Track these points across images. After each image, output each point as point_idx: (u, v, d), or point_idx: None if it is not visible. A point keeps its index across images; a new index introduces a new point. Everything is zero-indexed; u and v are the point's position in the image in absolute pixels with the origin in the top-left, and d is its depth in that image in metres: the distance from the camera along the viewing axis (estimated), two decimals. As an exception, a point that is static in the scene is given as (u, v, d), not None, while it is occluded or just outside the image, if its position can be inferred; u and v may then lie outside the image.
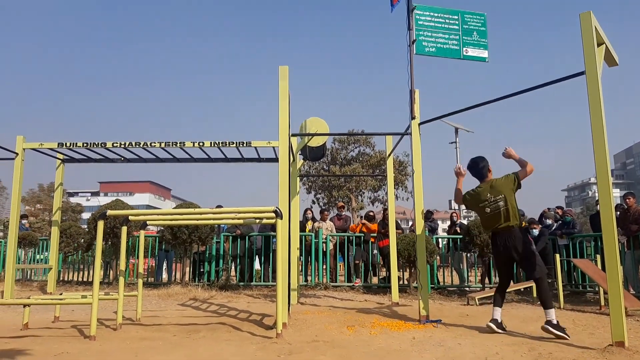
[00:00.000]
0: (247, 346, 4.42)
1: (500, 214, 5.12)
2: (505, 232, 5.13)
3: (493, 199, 5.16)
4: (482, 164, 5.35)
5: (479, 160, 5.39)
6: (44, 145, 8.30)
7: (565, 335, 4.75)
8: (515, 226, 5.11)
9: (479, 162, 5.37)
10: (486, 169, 5.33)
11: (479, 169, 5.35)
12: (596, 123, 4.41)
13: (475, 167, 5.39)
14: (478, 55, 6.39)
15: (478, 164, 5.37)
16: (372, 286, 9.87)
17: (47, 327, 5.41)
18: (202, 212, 5.91)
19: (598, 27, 4.69)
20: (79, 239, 11.02)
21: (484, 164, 5.35)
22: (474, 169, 5.40)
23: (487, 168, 5.33)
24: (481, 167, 5.34)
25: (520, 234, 5.13)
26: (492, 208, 5.18)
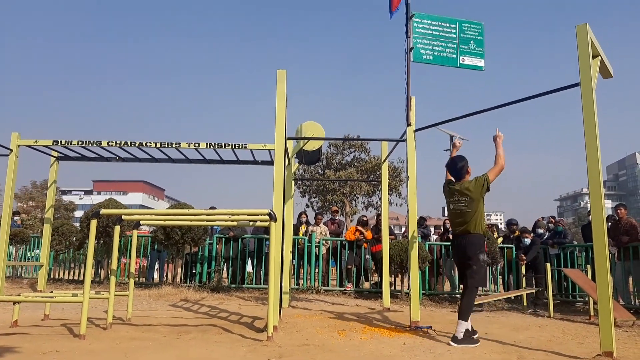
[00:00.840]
0: (238, 348, 4.42)
1: (461, 215, 5.12)
2: (461, 236, 5.14)
3: (459, 197, 5.15)
4: (460, 164, 5.28)
5: (458, 160, 5.34)
6: (39, 142, 8.27)
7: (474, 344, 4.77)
8: (473, 232, 5.05)
9: (458, 162, 5.31)
10: (464, 169, 5.25)
11: (457, 169, 5.28)
12: (590, 135, 4.45)
13: (454, 167, 5.32)
14: (474, 64, 6.44)
15: (457, 164, 5.30)
16: (363, 291, 9.88)
17: (37, 325, 5.38)
18: (196, 213, 5.91)
19: (594, 39, 4.74)
20: (71, 237, 10.97)
21: (463, 164, 5.27)
22: (453, 169, 5.33)
23: (465, 169, 5.26)
24: (459, 167, 5.27)
25: (476, 240, 5.05)
26: (454, 206, 5.20)
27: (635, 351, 4.83)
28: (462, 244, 5.11)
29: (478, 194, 5.07)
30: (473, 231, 5.05)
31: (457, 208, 5.16)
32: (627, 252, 8.46)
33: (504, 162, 5.20)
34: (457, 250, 5.25)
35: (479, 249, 5.04)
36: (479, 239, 5.07)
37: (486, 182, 5.10)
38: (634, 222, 8.77)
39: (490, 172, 5.16)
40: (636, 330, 6.28)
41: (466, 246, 5.06)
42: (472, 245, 5.04)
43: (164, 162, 9.57)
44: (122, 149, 8.62)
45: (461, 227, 5.13)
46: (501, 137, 5.32)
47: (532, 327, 6.40)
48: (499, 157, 5.20)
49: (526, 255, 9.25)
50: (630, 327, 6.51)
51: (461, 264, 5.26)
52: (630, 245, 8.40)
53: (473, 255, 5.02)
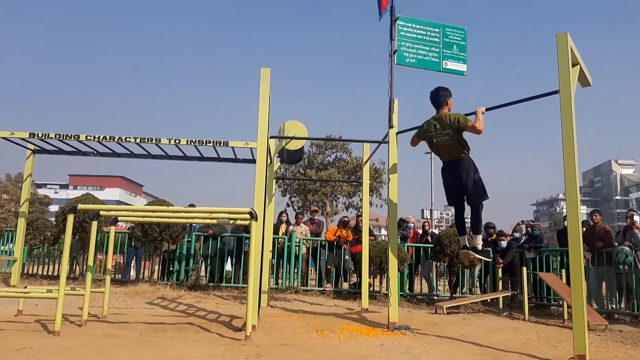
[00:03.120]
0: (215, 347, 4.39)
1: (446, 146, 5.29)
2: (452, 163, 5.33)
3: (440, 132, 5.28)
4: (441, 93, 5.42)
5: (441, 89, 5.47)
6: (15, 134, 8.12)
7: (487, 258, 5.66)
8: (462, 157, 5.26)
9: (440, 90, 5.44)
10: (445, 97, 5.39)
11: (437, 97, 5.42)
12: (567, 141, 4.53)
13: (435, 95, 5.46)
14: (457, 69, 6.50)
15: (439, 91, 5.44)
16: (342, 291, 9.90)
17: (10, 321, 5.27)
18: (176, 211, 5.85)
19: (574, 48, 4.83)
20: (45, 232, 10.77)
21: (444, 93, 5.41)
22: (434, 97, 5.47)
23: (445, 98, 5.39)
24: (440, 96, 5.41)
25: (466, 163, 5.26)
26: (437, 140, 5.34)
27: (607, 354, 4.94)
28: (454, 171, 5.29)
29: (455, 129, 5.19)
30: (461, 156, 5.26)
31: (441, 141, 5.32)
32: (601, 257, 8.64)
33: (482, 127, 5.17)
34: (450, 176, 5.38)
35: (472, 170, 5.25)
36: (468, 162, 5.28)
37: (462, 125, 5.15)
38: (608, 228, 8.95)
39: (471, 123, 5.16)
40: (608, 334, 6.42)
41: (459, 171, 5.25)
42: (464, 169, 5.24)
43: (143, 158, 9.47)
44: (101, 143, 8.51)
45: (449, 156, 5.34)
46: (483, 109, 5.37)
47: (508, 329, 6.49)
48: (479, 122, 5.19)
49: (503, 259, 9.38)
50: (602, 331, 6.65)
51: (456, 189, 5.41)
52: (604, 251, 8.57)
53: (468, 178, 5.22)
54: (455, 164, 5.30)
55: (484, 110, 5.41)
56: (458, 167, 5.27)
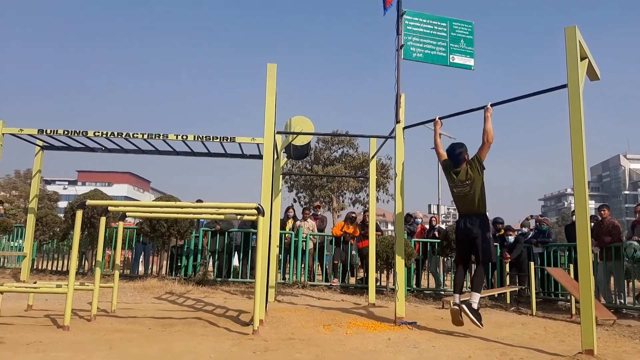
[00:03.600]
0: (223, 342, 4.42)
1: (465, 198, 5.32)
2: (468, 216, 5.34)
3: (460, 184, 5.34)
4: (459, 150, 5.44)
5: (457, 146, 5.50)
6: (24, 131, 8.17)
7: (479, 324, 5.07)
8: (479, 212, 5.29)
9: (456, 148, 5.47)
10: (462, 155, 5.41)
11: (455, 155, 5.45)
12: (576, 136, 4.50)
13: (452, 153, 5.49)
14: (464, 63, 6.47)
15: (455, 149, 5.47)
16: (349, 286, 9.92)
17: (20, 316, 5.33)
18: (183, 206, 5.89)
19: (582, 42, 4.79)
20: (54, 228, 10.85)
21: (461, 150, 5.44)
22: (451, 154, 5.50)
23: (463, 155, 5.42)
24: (457, 154, 5.43)
25: (482, 219, 5.29)
26: (458, 191, 5.38)
27: (615, 349, 4.92)
28: (469, 224, 5.29)
29: (477, 176, 5.24)
30: (478, 211, 5.28)
31: (461, 192, 5.36)
32: (609, 252, 8.59)
33: (492, 138, 5.30)
34: (463, 230, 5.38)
35: (486, 227, 5.27)
36: (484, 218, 5.31)
37: (479, 163, 5.27)
38: (616, 223, 8.90)
39: (480, 152, 5.30)
40: (616, 329, 6.40)
41: (473, 225, 5.25)
42: (479, 225, 5.24)
43: (150, 154, 9.50)
44: (109, 139, 8.55)
45: (466, 209, 5.35)
46: (491, 111, 5.40)
47: (515, 324, 6.48)
48: (487, 134, 5.29)
49: (510, 254, 9.35)
50: (610, 326, 6.62)
51: (467, 243, 5.41)
52: (612, 246, 8.53)
53: (482, 235, 5.22)
54: (471, 218, 5.31)
55: (491, 110, 5.40)
56: (473, 221, 5.28)
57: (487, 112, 5.39)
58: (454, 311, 5.25)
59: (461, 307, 5.13)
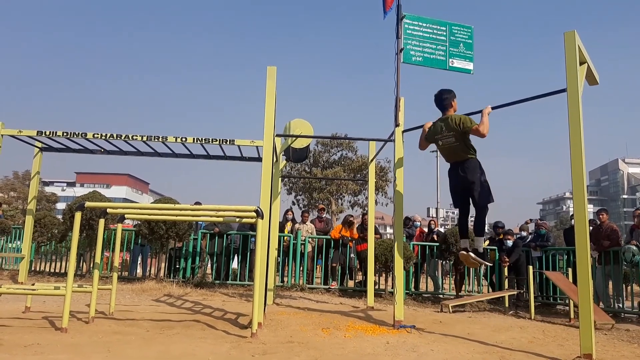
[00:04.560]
0: (221, 344, 4.41)
1: (452, 148, 5.33)
2: (459, 163, 5.35)
3: (446, 134, 5.32)
4: (445, 96, 5.45)
5: (444, 91, 5.50)
6: (23, 132, 8.17)
7: (487, 263, 5.53)
8: (469, 158, 5.29)
9: (444, 94, 5.47)
10: (449, 100, 5.41)
11: (442, 100, 5.46)
12: (575, 140, 4.51)
13: (439, 98, 5.49)
14: (463, 67, 6.48)
15: (442, 94, 5.48)
16: (348, 289, 9.91)
17: (18, 317, 5.31)
18: (182, 208, 5.88)
19: (581, 46, 4.81)
20: (53, 229, 10.83)
21: (448, 96, 5.44)
22: (438, 99, 5.50)
23: (449, 100, 5.41)
24: (444, 99, 5.44)
25: (473, 164, 5.28)
26: (443, 142, 5.38)
27: (614, 354, 4.92)
28: (461, 172, 5.30)
29: (461, 132, 5.23)
30: (467, 157, 5.28)
31: (446, 143, 5.36)
32: (608, 256, 8.60)
33: (486, 131, 5.22)
34: (456, 178, 5.39)
35: (478, 172, 5.27)
36: (475, 163, 5.30)
37: (467, 128, 5.21)
38: (615, 227, 8.91)
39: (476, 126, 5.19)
40: (615, 334, 6.40)
41: (466, 172, 5.26)
42: (470, 170, 5.26)
43: (149, 156, 9.50)
44: (108, 141, 8.55)
45: (455, 157, 5.36)
46: (489, 109, 5.39)
47: (514, 328, 6.48)
48: (482, 124, 5.23)
49: (509, 257, 9.35)
50: (609, 330, 6.63)
51: (462, 190, 5.42)
52: (611, 250, 8.53)
53: (474, 179, 5.23)
54: (462, 165, 5.32)
55: (490, 110, 5.41)
56: (464, 168, 5.28)
57: (486, 109, 5.38)
58: (464, 256, 5.40)
59: (469, 253, 5.32)
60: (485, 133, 5.20)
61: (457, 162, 5.37)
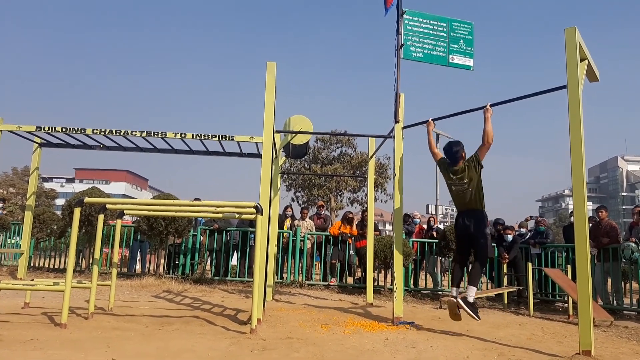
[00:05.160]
0: (221, 340, 4.41)
1: (464, 196, 5.35)
2: (466, 212, 5.38)
3: (458, 182, 5.37)
4: (455, 149, 5.47)
5: (453, 144, 5.53)
6: (22, 127, 8.13)
7: (476, 317, 5.11)
8: (476, 209, 5.33)
9: (453, 147, 5.50)
10: (459, 154, 5.45)
11: (452, 153, 5.49)
12: (575, 137, 4.50)
13: (449, 151, 5.52)
14: (464, 64, 6.47)
15: (452, 148, 5.50)
16: (347, 286, 9.91)
17: (17, 313, 5.32)
18: (182, 204, 5.87)
19: (582, 43, 4.80)
20: (52, 225, 10.82)
21: (458, 149, 5.47)
22: (449, 153, 5.53)
23: (460, 154, 5.45)
24: (454, 152, 5.47)
25: (480, 216, 5.34)
26: (457, 189, 5.41)
27: (613, 350, 4.93)
28: (467, 221, 5.33)
29: (474, 175, 5.27)
30: (477, 207, 5.32)
31: (458, 190, 5.39)
32: (607, 253, 8.60)
33: (492, 139, 5.32)
34: (462, 227, 5.41)
35: (484, 224, 5.34)
36: (483, 215, 5.36)
37: (477, 162, 5.29)
38: (614, 224, 8.92)
39: (479, 152, 5.33)
40: (614, 330, 6.41)
41: (471, 223, 5.29)
42: (477, 221, 5.29)
43: (149, 152, 9.47)
44: (107, 137, 8.51)
45: (465, 206, 5.38)
46: (490, 112, 5.41)
47: (512, 324, 6.49)
48: (487, 135, 5.31)
49: (508, 253, 9.36)
50: (608, 327, 6.64)
51: (465, 239, 5.45)
52: (610, 247, 8.54)
53: (479, 231, 5.27)
54: (469, 214, 5.35)
55: (491, 112, 5.41)
56: (471, 218, 5.32)
57: (487, 112, 5.40)
58: (451, 304, 5.29)
59: (458, 301, 5.16)
60: (490, 141, 5.30)
61: (466, 210, 5.39)
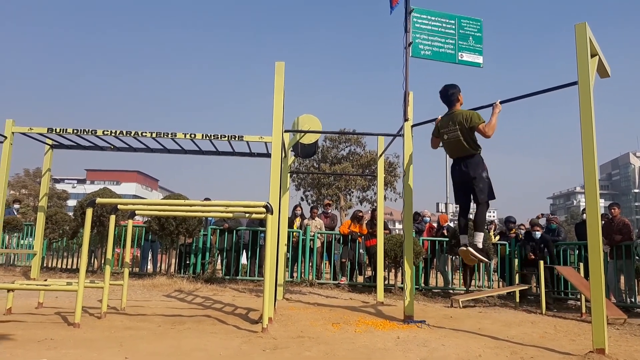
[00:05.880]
0: (232, 339, 4.43)
1: (456, 142, 5.31)
2: (462, 159, 5.35)
3: (452, 128, 5.33)
4: (451, 91, 5.46)
5: (449, 87, 5.50)
6: (34, 129, 8.22)
7: (486, 259, 5.31)
8: (472, 154, 5.28)
9: (449, 89, 5.48)
10: (455, 96, 5.42)
11: (448, 95, 5.47)
12: (586, 133, 4.46)
13: (445, 93, 5.50)
14: (473, 61, 6.44)
15: (448, 90, 5.48)
16: (357, 285, 9.91)
17: (31, 313, 5.37)
18: (192, 204, 5.89)
19: (592, 39, 4.75)
20: (64, 226, 10.92)
21: (454, 91, 5.45)
22: (444, 95, 5.50)
23: (456, 96, 5.42)
24: (450, 94, 5.45)
25: (476, 160, 5.28)
26: (449, 136, 5.38)
27: (627, 348, 4.88)
28: (464, 167, 5.31)
29: (466, 127, 5.23)
30: (471, 152, 5.28)
31: (452, 137, 5.35)
32: (620, 250, 8.53)
33: (492, 132, 5.23)
34: (458, 173, 5.40)
35: (481, 168, 5.28)
36: (478, 159, 5.30)
37: (474, 125, 5.21)
38: (626, 221, 8.84)
39: (477, 127, 5.21)
40: (627, 328, 6.35)
41: (468, 168, 5.27)
42: (473, 166, 5.26)
43: (159, 153, 9.54)
44: (118, 138, 8.59)
45: (459, 153, 5.36)
46: (499, 108, 5.36)
47: (525, 323, 6.45)
48: (491, 125, 5.23)
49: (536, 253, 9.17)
50: (621, 325, 6.58)
51: (464, 185, 5.43)
52: (623, 244, 8.46)
53: (476, 175, 5.24)
54: (464, 161, 5.32)
55: (500, 108, 5.36)
56: (467, 164, 5.29)
57: (496, 108, 5.36)
58: (463, 252, 5.33)
59: (468, 248, 5.24)
60: (490, 134, 5.20)
61: (460, 157, 5.37)
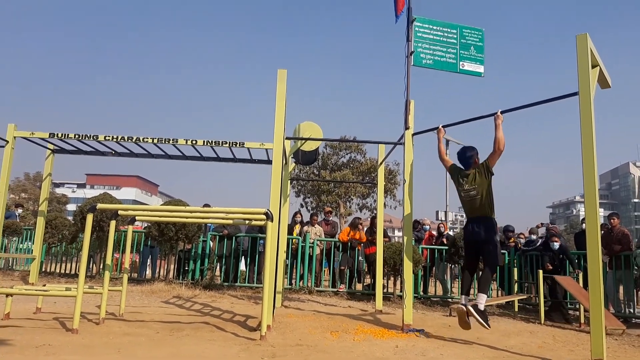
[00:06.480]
0: (231, 347, 4.42)
1: (473, 202, 5.33)
2: (476, 219, 5.35)
3: (468, 187, 5.36)
4: (469, 154, 5.50)
5: (467, 149, 5.55)
6: (35, 134, 8.23)
7: (486, 325, 5.01)
8: (486, 216, 5.29)
9: (467, 152, 5.53)
10: (473, 159, 5.47)
11: (466, 158, 5.51)
12: (587, 144, 4.48)
13: (463, 156, 5.54)
14: (474, 70, 6.47)
15: (466, 153, 5.53)
16: (356, 293, 9.89)
17: (29, 318, 5.36)
18: (193, 211, 5.90)
19: (593, 49, 4.78)
20: (63, 231, 10.91)
21: (472, 154, 5.49)
22: (462, 157, 5.54)
23: (473, 159, 5.47)
24: (468, 157, 5.49)
25: (490, 223, 5.29)
26: (465, 195, 5.40)
27: (625, 359, 4.87)
28: (477, 227, 5.29)
29: (484, 181, 5.26)
30: (486, 215, 5.28)
31: (468, 196, 5.37)
32: (619, 260, 8.52)
33: (503, 146, 5.29)
34: (471, 233, 5.38)
35: (494, 231, 5.28)
36: (492, 222, 5.31)
37: (487, 169, 5.28)
38: (626, 231, 8.84)
39: (490, 159, 5.31)
40: (626, 339, 6.34)
41: (481, 229, 5.26)
42: (487, 228, 5.25)
43: (160, 158, 9.54)
44: (119, 143, 8.59)
45: (474, 212, 5.35)
46: (501, 119, 5.39)
47: (523, 333, 6.44)
48: (498, 142, 5.28)
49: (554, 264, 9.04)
50: (620, 336, 6.56)
51: (475, 246, 5.42)
52: (622, 254, 8.46)
53: (489, 237, 5.22)
54: (479, 221, 5.32)
55: (502, 118, 5.39)
56: (480, 225, 5.29)
57: (498, 119, 5.38)
58: (461, 312, 5.21)
59: (468, 308, 5.09)
60: (501, 148, 5.26)
61: (475, 217, 5.36)
